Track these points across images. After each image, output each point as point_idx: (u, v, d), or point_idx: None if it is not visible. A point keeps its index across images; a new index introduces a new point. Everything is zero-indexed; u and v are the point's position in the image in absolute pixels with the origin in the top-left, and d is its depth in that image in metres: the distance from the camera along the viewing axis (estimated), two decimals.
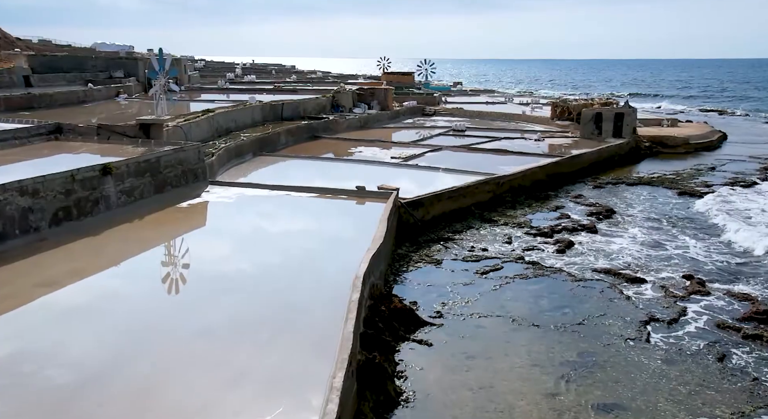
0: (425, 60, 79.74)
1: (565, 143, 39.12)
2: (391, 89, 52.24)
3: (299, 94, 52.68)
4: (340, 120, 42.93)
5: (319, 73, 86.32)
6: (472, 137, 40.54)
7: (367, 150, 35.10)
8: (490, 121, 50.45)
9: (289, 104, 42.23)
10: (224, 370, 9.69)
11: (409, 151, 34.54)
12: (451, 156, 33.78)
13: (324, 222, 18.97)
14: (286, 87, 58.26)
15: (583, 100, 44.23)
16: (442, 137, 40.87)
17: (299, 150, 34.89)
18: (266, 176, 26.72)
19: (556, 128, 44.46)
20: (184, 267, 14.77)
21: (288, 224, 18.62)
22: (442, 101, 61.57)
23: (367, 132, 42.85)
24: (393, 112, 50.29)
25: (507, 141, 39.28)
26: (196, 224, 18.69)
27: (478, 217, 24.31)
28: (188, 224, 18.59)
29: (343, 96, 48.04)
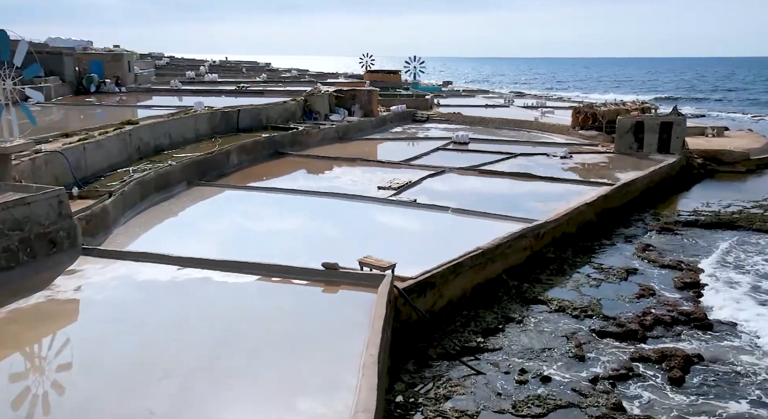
0: (414, 57, 71.11)
1: (600, 160, 30.68)
2: (375, 91, 43.54)
3: (266, 97, 43.79)
4: (313, 131, 34.12)
5: (294, 72, 77.22)
6: (480, 154, 31.94)
7: (346, 174, 26.35)
8: (494, 129, 41.93)
9: (248, 111, 33.33)
10: None
11: (402, 174, 25.89)
12: (459, 183, 25.17)
13: (263, 337, 10.22)
14: (251, 88, 49.28)
15: (613, 106, 35.97)
16: (441, 153, 32.21)
17: (254, 175, 26.06)
18: (188, 229, 17.93)
19: (580, 140, 36.04)
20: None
21: (198, 350, 9.83)
22: (434, 104, 52.97)
23: (347, 146, 34.10)
24: (378, 118, 41.61)
25: (524, 158, 30.76)
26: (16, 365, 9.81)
27: (514, 293, 15.72)
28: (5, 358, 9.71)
29: (317, 100, 39.22)
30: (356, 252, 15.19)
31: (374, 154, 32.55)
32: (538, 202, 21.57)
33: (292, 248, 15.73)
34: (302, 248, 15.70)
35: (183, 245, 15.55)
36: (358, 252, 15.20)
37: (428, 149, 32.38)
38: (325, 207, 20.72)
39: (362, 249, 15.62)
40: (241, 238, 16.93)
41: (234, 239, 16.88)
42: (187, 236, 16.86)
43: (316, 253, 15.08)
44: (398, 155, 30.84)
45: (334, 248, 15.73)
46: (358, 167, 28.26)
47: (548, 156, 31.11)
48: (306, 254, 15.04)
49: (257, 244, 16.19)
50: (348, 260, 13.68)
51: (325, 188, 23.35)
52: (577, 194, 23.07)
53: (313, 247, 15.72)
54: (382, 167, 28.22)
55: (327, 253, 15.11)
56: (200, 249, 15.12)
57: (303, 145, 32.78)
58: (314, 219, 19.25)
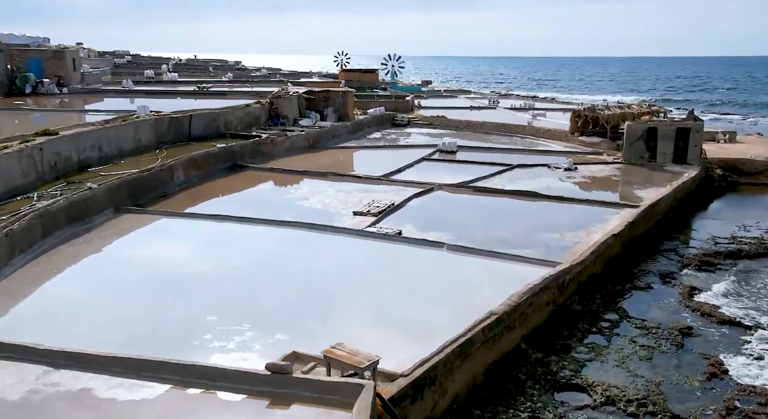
0: (392, 55, 66.84)
1: (609, 173, 26.66)
2: (351, 92, 39.10)
3: (229, 99, 39.15)
4: (279, 138, 29.60)
5: (264, 71, 72.33)
6: (471, 165, 27.74)
7: (315, 192, 21.93)
8: (483, 134, 37.80)
9: (202, 116, 28.68)
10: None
11: (382, 193, 21.59)
12: (451, 205, 20.91)
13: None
14: (214, 89, 44.52)
15: (618, 109, 32.06)
16: (427, 165, 27.94)
17: (203, 195, 21.51)
18: (91, 282, 13.32)
19: (581, 148, 32.05)
20: None
21: None
22: (415, 106, 48.71)
23: (318, 156, 29.65)
24: (354, 123, 37.19)
25: (523, 171, 26.61)
26: None
27: (541, 374, 11.47)
28: None
29: (284, 102, 34.67)
30: (322, 324, 10.90)
31: (350, 166, 28.18)
32: (552, 232, 17.37)
33: (230, 317, 11.24)
34: (243, 316, 11.24)
35: (78, 315, 11.06)
36: (324, 324, 10.91)
37: (412, 160, 28.05)
38: (286, 243, 16.27)
39: (331, 317, 11.33)
40: (158, 301, 12.27)
41: (147, 303, 12.17)
42: (87, 301, 12.25)
43: (263, 326, 10.72)
44: (377, 168, 26.49)
45: (291, 316, 11.35)
46: (331, 182, 23.86)
47: (550, 168, 27.01)
48: (249, 330, 10.63)
49: (178, 317, 11.48)
50: (310, 340, 9.41)
51: (288, 213, 18.88)
52: (596, 218, 18.96)
53: (259, 316, 11.30)
54: (359, 183, 23.86)
55: (280, 325, 10.78)
56: (100, 319, 10.67)
57: (267, 155, 28.25)
58: (268, 264, 14.80)
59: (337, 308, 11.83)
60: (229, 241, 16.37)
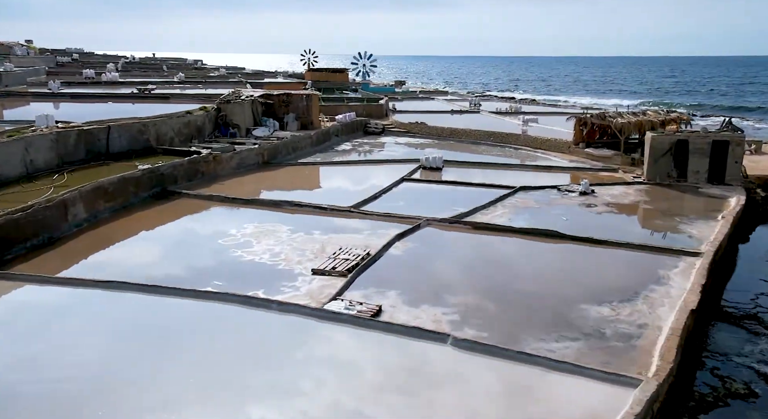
0: (363, 53, 61.29)
1: (635, 197, 21.50)
2: (316, 96, 33.46)
3: (172, 103, 33.29)
4: (225, 154, 23.85)
5: (222, 71, 65.97)
6: (463, 187, 22.44)
7: (261, 233, 16.30)
8: (471, 144, 32.55)
9: (125, 128, 22.83)
10: None
11: (353, 234, 16.18)
12: (446, 253, 15.47)
13: None
14: (158, 92, 38.43)
15: (632, 115, 26.99)
16: (409, 188, 22.52)
17: (109, 238, 15.75)
18: None
19: (590, 162, 26.94)
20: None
21: None
22: (390, 110, 43.26)
23: (274, 176, 24.04)
24: (320, 132, 31.57)
25: (528, 194, 21.36)
26: None
27: None
28: None
29: (235, 108, 28.91)
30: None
31: (313, 190, 22.56)
32: (596, 301, 12.06)
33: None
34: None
35: None
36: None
37: (389, 181, 22.59)
38: (199, 333, 10.66)
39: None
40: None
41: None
42: None
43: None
44: (347, 193, 21.04)
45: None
46: (287, 215, 18.31)
47: (560, 190, 21.80)
48: None
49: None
50: None
51: (220, 272, 13.28)
52: (649, 273, 13.73)
53: None
54: (324, 216, 18.36)
55: None
56: None
57: (208, 177, 22.53)
58: (180, 373, 9.19)
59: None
60: (110, 328, 10.68)
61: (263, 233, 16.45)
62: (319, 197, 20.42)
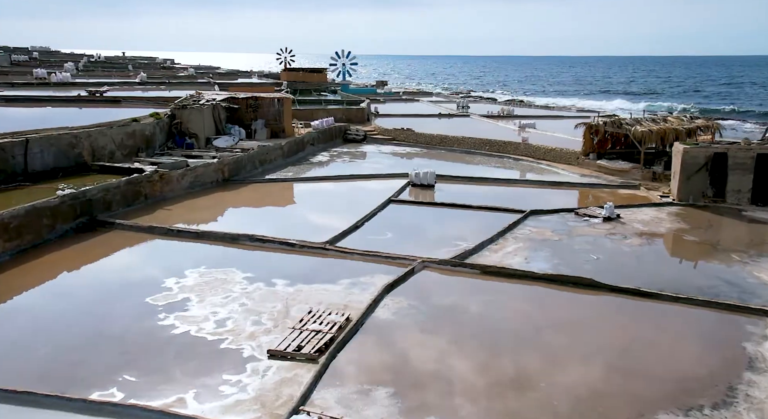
0: (342, 51, 57.39)
1: (672, 224, 17.85)
2: (288, 99, 29.46)
3: (124, 107, 29.19)
4: (175, 172, 19.77)
5: (191, 70, 61.47)
6: (461, 211, 18.69)
7: (207, 285, 12.36)
8: (464, 154, 28.86)
9: (49, 141, 18.69)
10: None
11: (328, 285, 12.35)
12: (449, 310, 11.62)
13: None
14: (112, 94, 34.16)
15: (651, 122, 23.33)
16: (396, 212, 18.68)
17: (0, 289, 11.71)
18: None
19: (605, 176, 23.33)
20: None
21: None
22: (372, 114, 39.40)
23: (234, 198, 20.06)
24: (293, 141, 27.58)
25: (542, 220, 17.64)
26: None
27: None
28: None
29: (193, 115, 24.84)
30: None
31: (280, 216, 18.62)
32: (676, 411, 8.34)
33: None
34: None
35: None
36: None
37: (373, 203, 18.73)
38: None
39: None
40: None
41: None
42: None
43: None
44: (322, 221, 17.19)
45: None
46: (243, 255, 14.41)
47: (579, 215, 18.12)
48: None
49: None
50: None
51: (134, 355, 9.35)
52: (725, 345, 10.10)
53: None
54: (292, 255, 14.51)
55: None
56: None
57: (152, 201, 18.50)
58: None
59: None
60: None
61: (210, 284, 12.52)
62: (287, 227, 16.50)
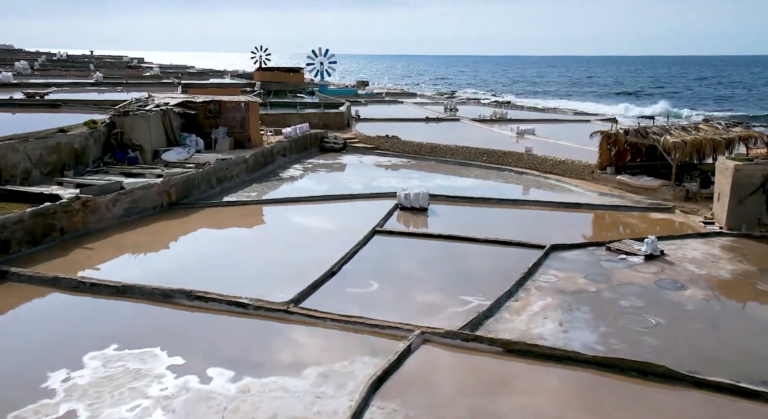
0: (319, 50, 53.41)
1: (729, 262, 14.21)
2: (255, 104, 25.46)
3: (65, 112, 25.11)
4: (102, 198, 15.68)
5: (156, 70, 56.81)
6: (465, 246, 14.91)
7: (102, 390, 8.42)
8: (459, 166, 25.13)
9: None
10: None
11: (288, 378, 8.48)
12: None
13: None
14: (54, 97, 29.92)
15: (681, 130, 19.70)
16: (381, 247, 14.82)
17: None
18: None
19: (628, 194, 19.71)
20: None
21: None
22: (353, 118, 35.53)
23: (178, 229, 16.06)
24: (260, 152, 23.60)
25: (566, 259, 13.94)
26: None
27: None
28: None
29: (136, 122, 20.75)
30: None
31: (230, 257, 14.61)
32: None
33: None
34: None
35: None
36: None
37: (354, 238, 14.84)
38: None
39: None
40: None
41: None
42: None
43: None
44: (285, 261, 13.32)
45: None
46: (174, 323, 10.53)
47: (612, 251, 14.44)
48: None
49: None
50: None
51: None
52: None
53: None
54: (242, 318, 10.65)
55: None
56: None
57: (70, 236, 14.47)
58: None
59: None
60: None
61: (115, 381, 8.60)
62: (242, 274, 12.64)
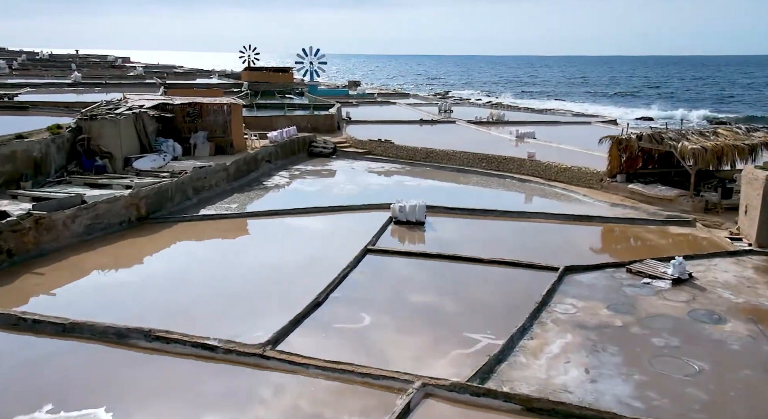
0: (309, 49, 51.66)
1: (764, 289, 12.67)
2: (238, 106, 23.72)
3: (33, 115, 23.33)
4: (59, 215, 13.92)
5: (139, 70, 54.84)
6: (465, 265, 13.25)
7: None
8: (456, 173, 23.50)
9: None
10: None
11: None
12: None
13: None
14: (23, 99, 28.06)
15: (698, 135, 18.14)
16: (372, 267, 13.12)
17: None
18: None
19: (642, 205, 18.12)
20: None
21: None
22: (344, 120, 33.86)
23: (146, 247, 14.30)
24: (242, 159, 21.87)
25: (582, 284, 12.32)
26: None
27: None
28: None
29: (105, 127, 18.97)
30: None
31: (203, 282, 12.84)
32: None
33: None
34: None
35: None
36: None
37: (344, 258, 13.16)
38: None
39: None
40: None
41: None
42: None
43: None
44: (265, 288, 11.60)
45: None
46: (129, 362, 8.78)
47: (634, 273, 12.83)
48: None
49: None
50: None
51: None
52: None
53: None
54: (206, 363, 8.93)
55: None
56: None
57: (20, 259, 12.72)
58: None
59: None
60: None
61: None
62: (215, 306, 10.95)
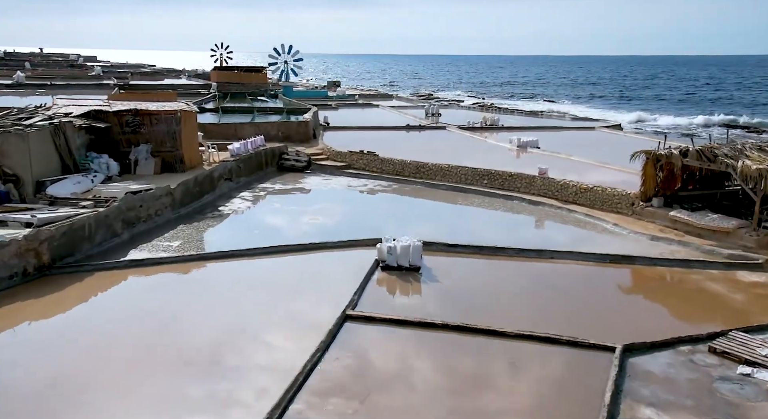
0: (283, 47, 47.65)
1: None
2: (190, 113, 19.73)
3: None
4: None
5: (98, 69, 50.24)
6: (473, 340, 9.49)
7: None
8: (453, 191, 19.75)
9: None
10: None
11: None
12: None
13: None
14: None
15: (759, 151, 14.81)
16: (353, 343, 9.29)
17: None
18: None
19: (688, 237, 14.57)
20: None
21: None
22: (321, 126, 29.97)
23: (36, 313, 10.27)
24: (193, 178, 17.90)
25: (653, 381, 8.64)
26: None
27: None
28: None
29: (11, 143, 14.91)
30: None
31: (117, 375, 8.90)
32: None
33: None
34: None
35: None
36: None
37: (316, 331, 9.35)
38: None
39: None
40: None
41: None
42: None
43: None
44: (204, 391, 7.69)
45: None
46: None
47: (718, 354, 9.19)
48: None
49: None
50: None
51: None
52: None
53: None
54: None
55: None
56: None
57: None
58: None
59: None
60: None
61: None
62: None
